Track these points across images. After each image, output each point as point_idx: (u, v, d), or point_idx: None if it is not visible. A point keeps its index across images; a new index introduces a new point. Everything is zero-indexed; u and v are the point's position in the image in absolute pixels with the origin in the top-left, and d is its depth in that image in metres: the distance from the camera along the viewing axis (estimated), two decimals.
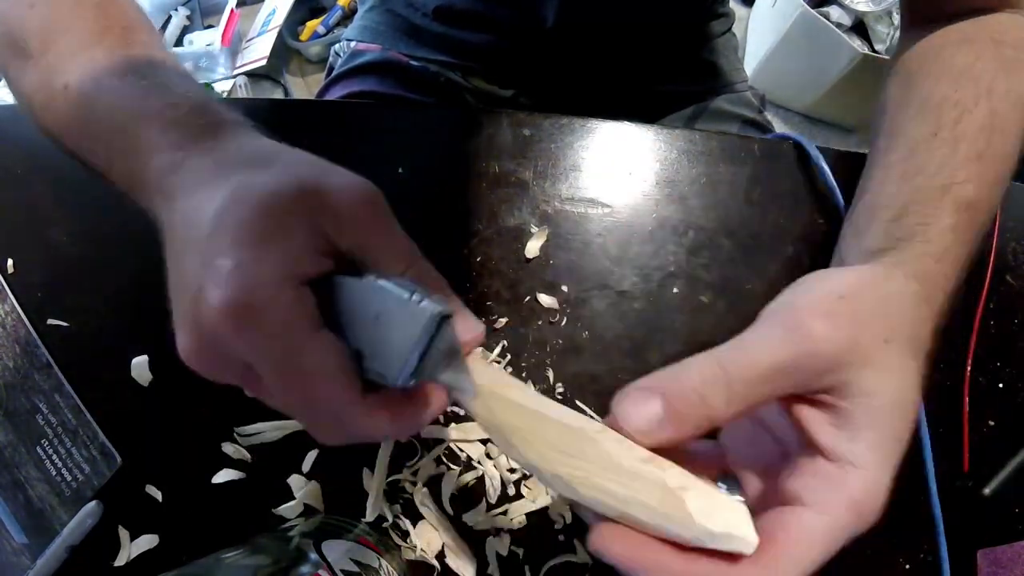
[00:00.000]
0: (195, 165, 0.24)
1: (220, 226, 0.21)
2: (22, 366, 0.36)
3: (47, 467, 0.35)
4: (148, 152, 0.25)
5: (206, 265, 0.20)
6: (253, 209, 0.21)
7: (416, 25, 0.58)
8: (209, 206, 0.21)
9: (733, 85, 0.61)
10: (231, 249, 0.20)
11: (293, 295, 0.20)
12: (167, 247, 0.23)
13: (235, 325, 0.20)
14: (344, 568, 0.26)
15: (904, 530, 0.34)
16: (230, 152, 0.25)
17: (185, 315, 0.21)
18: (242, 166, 0.23)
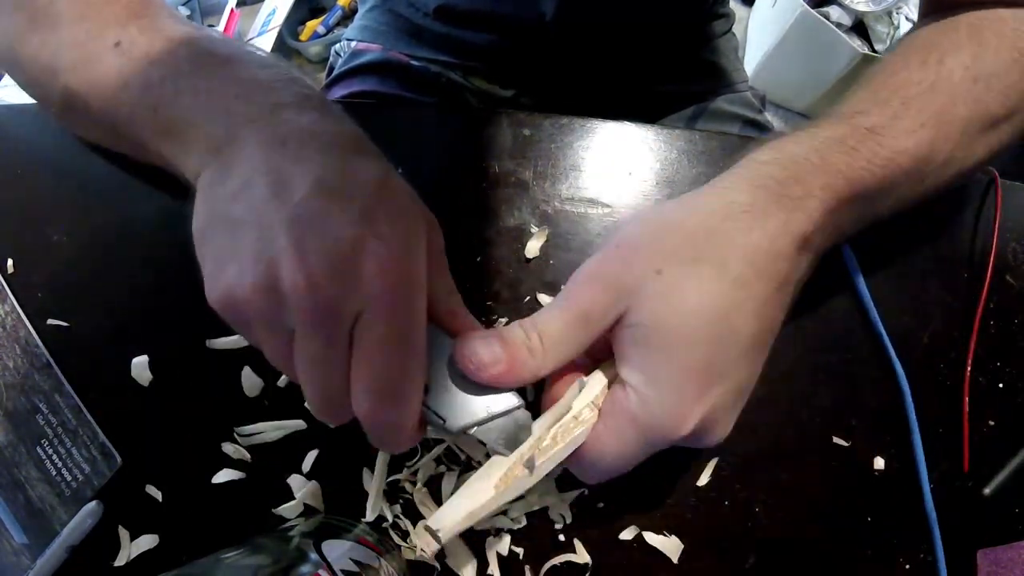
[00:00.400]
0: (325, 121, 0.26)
1: (381, 197, 0.23)
2: (22, 366, 0.36)
3: (47, 467, 0.35)
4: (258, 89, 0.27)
5: (369, 222, 0.22)
6: (407, 199, 0.25)
7: (417, 25, 0.58)
8: (364, 174, 0.24)
9: (733, 85, 0.61)
10: (395, 222, 0.23)
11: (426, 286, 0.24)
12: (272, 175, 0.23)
13: (387, 286, 0.22)
14: (344, 568, 0.26)
15: (904, 530, 0.34)
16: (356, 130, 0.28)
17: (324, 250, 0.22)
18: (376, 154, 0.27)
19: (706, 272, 0.25)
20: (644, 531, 0.33)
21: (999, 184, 0.39)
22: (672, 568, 0.33)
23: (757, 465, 0.35)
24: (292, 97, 0.27)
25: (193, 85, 0.28)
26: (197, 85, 0.27)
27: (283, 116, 0.25)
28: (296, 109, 0.26)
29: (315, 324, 0.22)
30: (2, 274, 0.38)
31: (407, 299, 0.22)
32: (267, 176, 0.23)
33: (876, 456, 0.35)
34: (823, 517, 0.34)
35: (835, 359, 0.36)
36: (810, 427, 0.35)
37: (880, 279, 0.37)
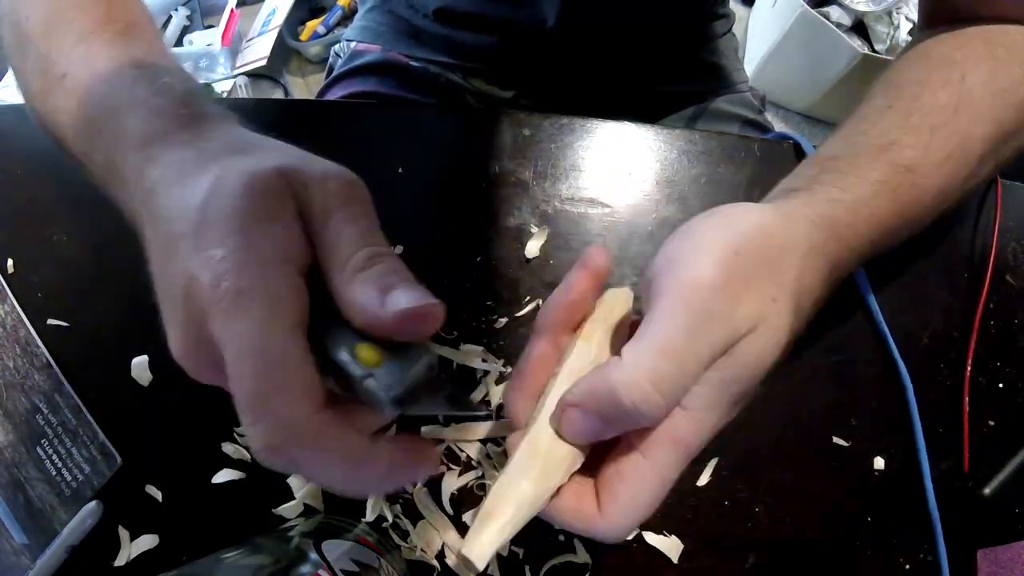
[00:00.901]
0: (176, 156, 0.24)
1: (206, 216, 0.20)
2: (22, 366, 0.36)
3: (47, 467, 0.35)
4: (129, 141, 0.25)
5: (197, 253, 0.20)
6: (237, 193, 0.20)
7: (417, 26, 0.58)
8: (192, 197, 0.21)
9: (733, 86, 0.61)
10: (221, 237, 0.20)
11: (285, 282, 0.20)
12: (150, 243, 0.23)
13: (218, 309, 0.19)
14: (344, 568, 0.26)
15: (904, 530, 0.34)
16: (212, 141, 0.24)
17: (175, 310, 0.21)
18: (224, 154, 0.23)
19: (790, 309, 0.24)
20: (644, 531, 0.33)
21: (999, 184, 0.39)
22: (672, 568, 0.33)
23: (757, 465, 0.35)
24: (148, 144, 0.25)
25: (103, 140, 0.27)
26: (104, 140, 0.27)
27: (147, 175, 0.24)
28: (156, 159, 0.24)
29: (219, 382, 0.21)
30: (2, 274, 0.38)
31: (240, 308, 0.19)
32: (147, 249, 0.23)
33: (876, 456, 0.35)
34: (823, 517, 0.34)
35: (835, 360, 0.36)
36: (810, 427, 0.35)
37: (880, 279, 0.37)
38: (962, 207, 0.39)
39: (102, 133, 0.27)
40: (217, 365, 0.20)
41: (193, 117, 0.26)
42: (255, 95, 1.40)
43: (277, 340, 0.19)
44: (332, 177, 0.22)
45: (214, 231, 0.20)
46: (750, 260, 0.23)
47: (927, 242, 0.38)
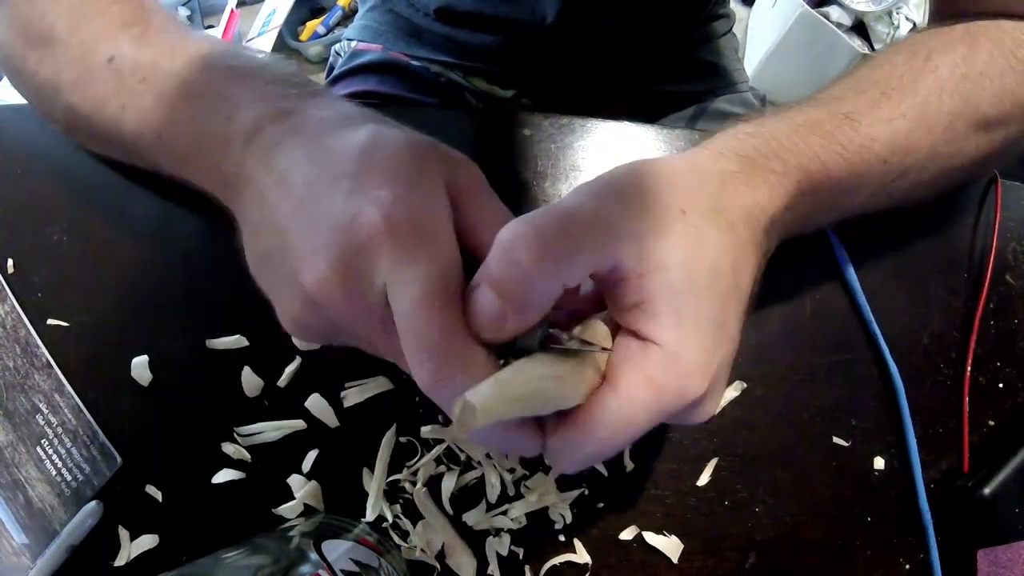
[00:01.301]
0: (310, 115, 0.24)
1: (371, 161, 0.21)
2: (22, 366, 0.36)
3: (47, 467, 0.35)
4: (244, 104, 0.25)
5: (362, 192, 0.20)
6: (402, 148, 0.22)
7: (417, 25, 0.58)
8: (349, 145, 0.22)
9: (734, 85, 0.61)
10: (389, 181, 0.21)
11: (450, 228, 0.21)
12: (270, 192, 0.23)
13: (393, 241, 0.20)
14: (344, 568, 0.26)
15: (904, 530, 0.34)
16: (345, 108, 0.25)
17: (326, 247, 0.20)
18: (365, 119, 0.24)
19: (722, 223, 0.24)
20: (644, 531, 0.33)
21: (999, 184, 0.39)
22: (672, 568, 0.33)
23: (757, 465, 0.35)
24: (276, 103, 0.26)
25: (190, 114, 0.27)
26: (194, 114, 0.27)
27: (271, 129, 0.25)
28: (281, 117, 0.25)
29: (355, 319, 0.21)
30: (2, 274, 0.38)
31: (420, 246, 0.20)
32: (272, 197, 0.23)
33: (876, 456, 0.35)
34: (823, 517, 0.34)
35: (835, 359, 0.36)
36: (810, 427, 0.35)
37: (880, 279, 0.37)
38: (961, 207, 0.39)
39: (186, 103, 0.27)
40: (364, 305, 0.21)
41: (311, 88, 0.27)
42: None
43: (454, 281, 0.21)
44: (468, 162, 0.24)
45: (378, 175, 0.21)
46: (626, 189, 0.24)
47: (927, 242, 0.38)
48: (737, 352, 0.36)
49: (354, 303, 0.21)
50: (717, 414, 0.35)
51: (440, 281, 0.20)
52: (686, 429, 0.35)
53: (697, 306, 0.22)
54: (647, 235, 0.22)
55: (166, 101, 0.28)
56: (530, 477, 0.34)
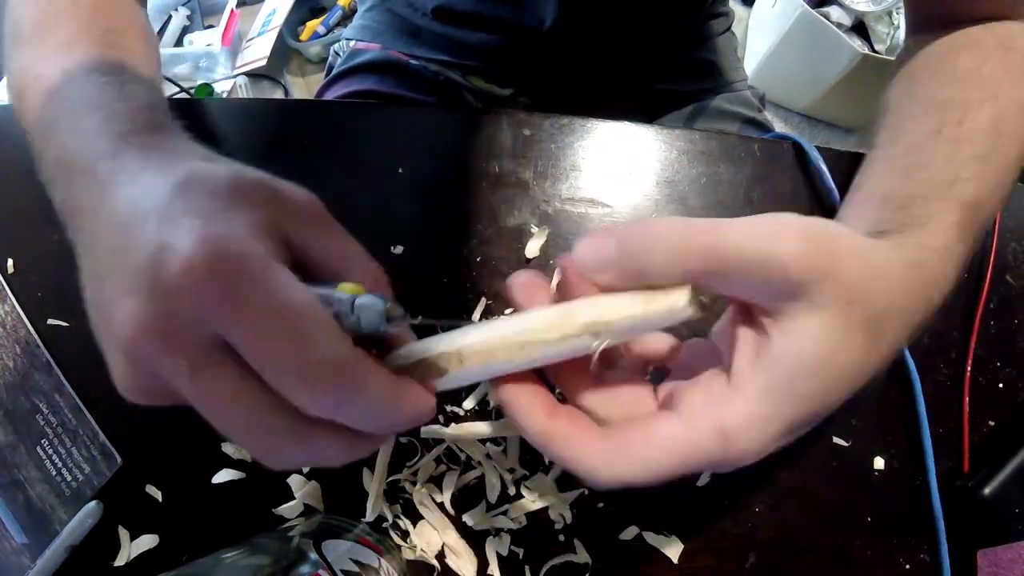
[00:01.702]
0: (140, 153, 0.23)
1: (182, 193, 0.19)
2: (22, 366, 0.36)
3: (47, 467, 0.35)
4: (90, 136, 0.25)
5: (167, 225, 0.18)
6: (220, 180, 0.20)
7: (416, 25, 0.58)
8: (163, 183, 0.20)
9: (732, 84, 0.61)
10: (199, 208, 0.18)
11: (273, 241, 0.19)
12: (93, 233, 0.21)
13: (211, 279, 0.17)
14: (344, 568, 0.26)
15: (904, 530, 0.34)
16: (177, 146, 0.24)
17: (135, 289, 0.18)
18: (192, 156, 0.23)
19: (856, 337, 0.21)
20: (644, 531, 0.33)
21: None
22: (672, 568, 0.33)
23: (757, 465, 0.34)
24: (107, 143, 0.24)
25: (57, 138, 0.27)
26: (58, 139, 0.27)
27: (99, 169, 0.24)
28: (109, 156, 0.24)
29: (171, 370, 0.18)
30: (2, 274, 0.38)
31: (242, 276, 0.17)
32: (89, 243, 0.22)
33: (876, 456, 0.35)
34: (823, 517, 0.34)
35: None
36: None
37: None
38: None
39: (59, 131, 0.27)
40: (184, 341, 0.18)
41: (156, 124, 0.26)
42: (255, 95, 1.40)
43: (297, 289, 0.18)
44: (307, 196, 0.22)
45: (189, 205, 0.19)
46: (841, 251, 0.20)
47: None
48: None
49: (163, 351, 0.18)
50: None
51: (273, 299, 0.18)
52: None
53: (797, 386, 0.20)
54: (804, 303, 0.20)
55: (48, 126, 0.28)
56: (530, 477, 0.34)
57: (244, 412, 0.19)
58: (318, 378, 0.18)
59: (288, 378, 0.18)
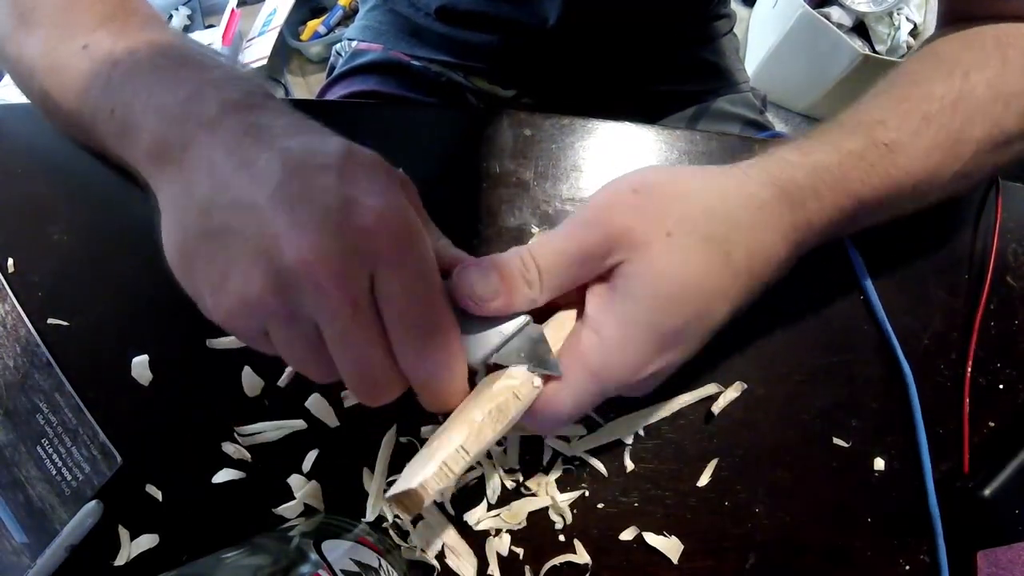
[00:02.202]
0: (273, 114, 0.26)
1: (354, 161, 0.23)
2: (22, 365, 0.36)
3: (47, 466, 0.35)
4: (207, 91, 0.26)
5: (351, 185, 0.22)
6: (377, 159, 0.24)
7: (418, 25, 0.58)
8: (328, 144, 0.23)
9: (735, 86, 0.61)
10: (374, 180, 0.23)
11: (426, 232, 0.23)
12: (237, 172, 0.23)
13: (391, 238, 0.22)
14: (344, 568, 0.26)
15: (904, 531, 0.34)
16: (305, 119, 0.27)
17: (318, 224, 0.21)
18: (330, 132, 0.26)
19: (711, 251, 0.26)
20: (644, 531, 0.33)
21: (1000, 185, 0.39)
22: (672, 568, 0.33)
23: (757, 465, 0.35)
24: (242, 95, 0.26)
25: (148, 86, 0.27)
26: (152, 87, 0.27)
27: (237, 115, 0.25)
28: (247, 109, 0.25)
29: (336, 295, 0.21)
30: (2, 273, 0.38)
31: (412, 244, 0.22)
32: (236, 175, 0.22)
33: (876, 457, 0.35)
34: (823, 517, 0.34)
35: (835, 360, 0.36)
36: (810, 427, 0.35)
37: (880, 280, 0.37)
38: (962, 208, 0.39)
39: (147, 83, 0.27)
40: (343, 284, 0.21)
41: (273, 96, 0.28)
42: None
43: (439, 279, 0.24)
44: (409, 181, 0.27)
45: (365, 174, 0.23)
46: (643, 197, 0.27)
47: (928, 243, 0.38)
48: (736, 353, 0.36)
49: (338, 281, 0.21)
50: (717, 415, 0.35)
51: (426, 270, 0.23)
52: (687, 430, 0.35)
53: (647, 315, 0.26)
54: (628, 251, 0.26)
55: (128, 79, 0.28)
56: (530, 477, 0.34)
57: (370, 351, 0.23)
58: (434, 343, 0.23)
59: (416, 333, 0.23)
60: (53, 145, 0.41)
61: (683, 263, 0.25)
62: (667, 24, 0.57)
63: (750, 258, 0.27)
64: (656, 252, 0.25)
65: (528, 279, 0.26)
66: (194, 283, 0.24)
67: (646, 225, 0.26)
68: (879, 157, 0.30)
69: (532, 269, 0.26)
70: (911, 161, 0.30)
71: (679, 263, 0.25)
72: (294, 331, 0.23)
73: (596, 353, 0.26)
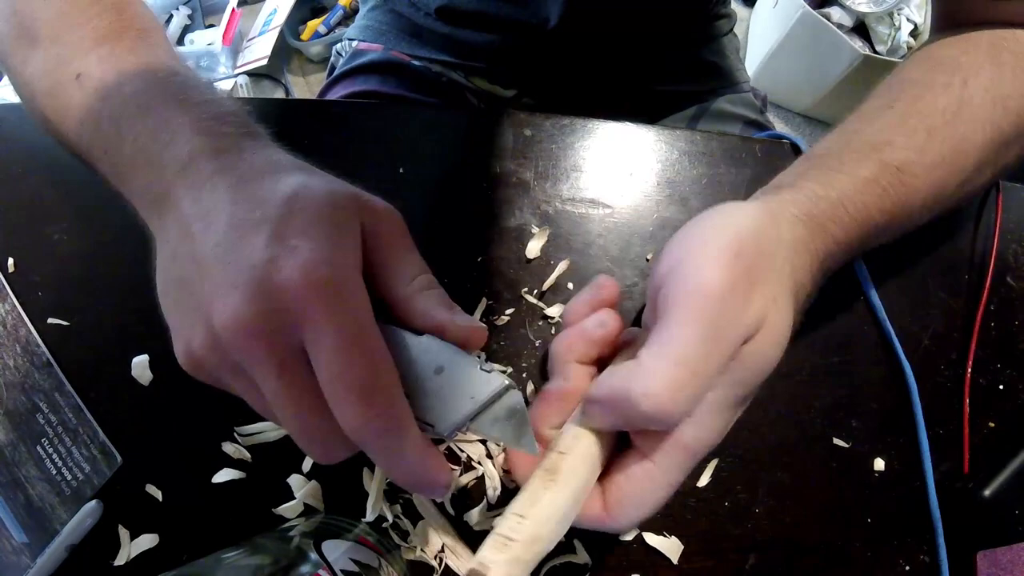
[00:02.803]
0: (243, 157, 0.25)
1: (292, 210, 0.22)
2: (22, 365, 0.36)
3: (47, 466, 0.35)
4: (182, 134, 0.26)
5: (280, 242, 0.21)
6: (322, 201, 0.22)
7: (418, 25, 0.58)
8: (274, 191, 0.23)
9: (735, 86, 0.61)
10: (306, 232, 0.21)
11: (362, 284, 0.22)
12: (190, 222, 0.23)
13: (313, 296, 0.20)
14: (344, 568, 0.26)
15: (904, 531, 0.34)
16: (276, 155, 0.26)
17: (242, 285, 0.21)
18: (295, 169, 0.25)
19: (792, 303, 0.26)
20: (644, 531, 0.33)
21: (1000, 186, 0.39)
22: (672, 568, 0.33)
23: (757, 465, 0.35)
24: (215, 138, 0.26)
25: (132, 130, 0.27)
26: (135, 131, 0.27)
27: (204, 162, 0.25)
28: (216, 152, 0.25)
29: (258, 359, 0.21)
30: (2, 273, 0.38)
31: (338, 303, 0.21)
32: (193, 227, 0.23)
33: (876, 457, 0.35)
34: (823, 517, 0.34)
35: (836, 360, 0.36)
36: (810, 428, 0.35)
37: (881, 280, 0.37)
38: (963, 209, 0.39)
39: (133, 126, 0.27)
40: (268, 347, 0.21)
41: (250, 131, 0.27)
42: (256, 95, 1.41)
43: (374, 334, 0.22)
44: (389, 211, 0.25)
45: (299, 225, 0.21)
46: (750, 261, 0.24)
47: (928, 243, 0.38)
48: None
49: (260, 343, 0.21)
50: None
51: (357, 326, 0.21)
52: None
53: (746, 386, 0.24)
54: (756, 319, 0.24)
55: (116, 121, 0.28)
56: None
57: (305, 412, 0.22)
58: (370, 403, 0.21)
59: (347, 395, 0.21)
60: (53, 146, 0.41)
61: (785, 325, 0.25)
62: (668, 24, 0.57)
63: (796, 297, 0.27)
64: (772, 322, 0.24)
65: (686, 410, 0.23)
66: (169, 325, 0.25)
67: (762, 293, 0.24)
68: (891, 180, 0.30)
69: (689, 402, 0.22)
70: (919, 178, 0.31)
71: (784, 326, 0.25)
72: (242, 384, 0.23)
73: (689, 427, 0.24)
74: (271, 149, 0.26)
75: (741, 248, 0.24)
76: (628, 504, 0.25)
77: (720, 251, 0.24)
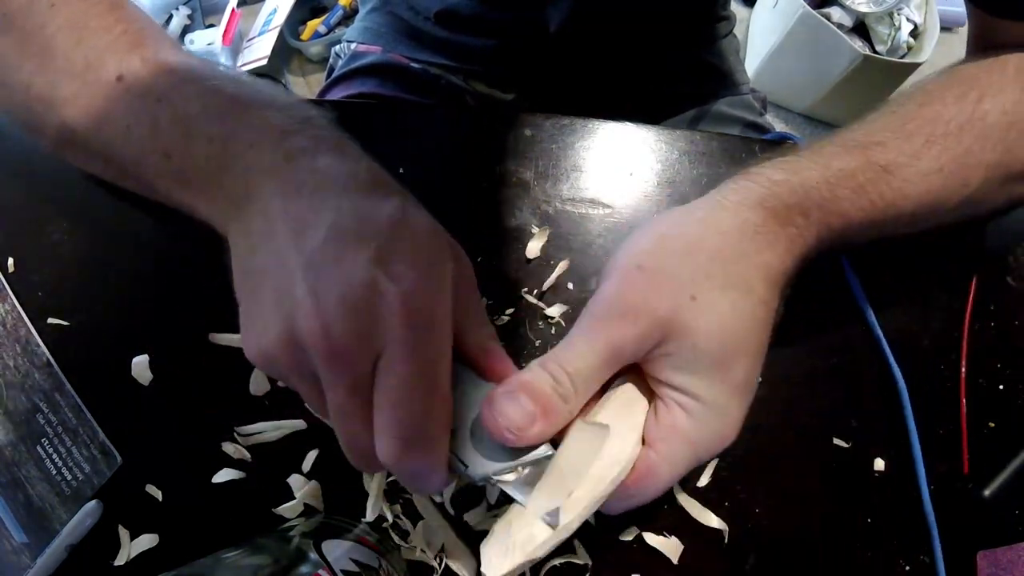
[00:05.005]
0: (332, 163, 0.25)
1: (399, 236, 0.23)
2: (22, 365, 0.36)
3: (47, 466, 0.35)
4: (273, 135, 0.26)
5: (384, 265, 0.22)
6: (428, 234, 0.24)
7: (418, 28, 0.58)
8: (379, 211, 0.23)
9: (735, 87, 0.61)
10: (411, 261, 0.22)
11: (450, 323, 0.23)
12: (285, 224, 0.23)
13: (406, 325, 0.21)
14: (344, 568, 0.26)
15: (904, 532, 0.34)
16: (375, 168, 0.26)
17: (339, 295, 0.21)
18: (395, 189, 0.26)
19: (736, 296, 0.26)
20: (644, 531, 0.33)
21: None
22: (672, 568, 0.33)
23: (757, 466, 0.35)
24: (307, 141, 0.26)
25: (206, 132, 0.27)
26: (210, 132, 0.27)
27: (298, 163, 0.25)
28: (311, 154, 0.25)
29: (334, 371, 0.22)
30: (2, 273, 0.38)
31: (426, 339, 0.22)
32: (284, 226, 0.23)
33: (876, 457, 0.35)
34: (823, 518, 0.34)
35: (835, 360, 0.36)
36: (810, 428, 0.35)
37: (880, 280, 0.37)
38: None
39: (205, 127, 0.27)
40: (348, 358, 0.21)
41: (339, 138, 0.27)
42: None
43: (445, 379, 0.23)
44: (467, 258, 0.26)
45: (404, 252, 0.22)
46: (651, 272, 0.26)
47: (927, 244, 0.38)
48: None
49: (343, 360, 0.21)
50: None
51: (433, 367, 0.22)
52: None
53: (718, 378, 0.25)
54: (675, 313, 0.25)
55: (183, 122, 0.28)
56: None
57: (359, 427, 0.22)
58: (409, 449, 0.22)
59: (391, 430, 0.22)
60: None
61: (717, 318, 0.25)
62: (667, 28, 0.57)
63: (767, 281, 0.27)
64: (690, 320, 0.25)
65: (562, 394, 0.24)
66: (240, 317, 0.25)
67: (668, 299, 0.25)
68: (872, 178, 0.29)
69: (565, 382, 0.24)
70: (907, 184, 0.30)
71: (714, 320, 0.25)
72: (305, 385, 0.23)
73: (689, 426, 0.25)
74: (367, 160, 0.27)
75: (643, 261, 0.26)
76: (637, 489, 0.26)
77: (621, 264, 0.27)
